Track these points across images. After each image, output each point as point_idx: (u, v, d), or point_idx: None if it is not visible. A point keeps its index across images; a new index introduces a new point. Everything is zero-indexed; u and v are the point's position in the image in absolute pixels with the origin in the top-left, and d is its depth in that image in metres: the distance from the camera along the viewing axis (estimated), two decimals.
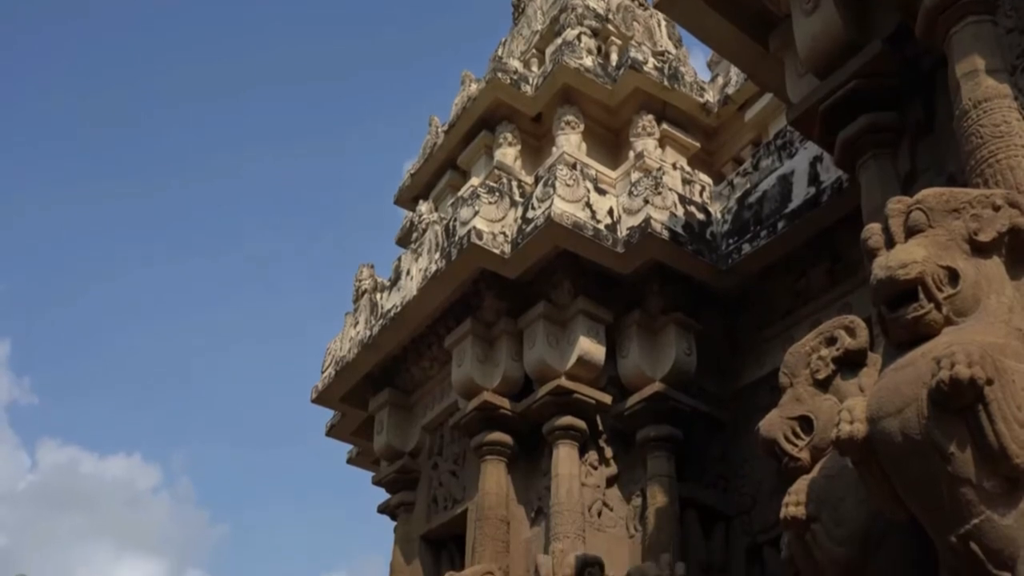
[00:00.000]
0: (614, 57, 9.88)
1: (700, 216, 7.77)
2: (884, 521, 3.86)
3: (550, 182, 7.55)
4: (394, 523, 9.02)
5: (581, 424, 7.38)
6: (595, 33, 10.08)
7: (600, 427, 7.57)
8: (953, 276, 3.46)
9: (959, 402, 3.10)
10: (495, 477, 7.56)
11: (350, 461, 10.69)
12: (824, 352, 4.40)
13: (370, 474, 9.81)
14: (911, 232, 3.62)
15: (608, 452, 7.54)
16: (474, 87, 9.75)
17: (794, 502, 4.05)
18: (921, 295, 3.43)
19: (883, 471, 3.45)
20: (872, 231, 3.76)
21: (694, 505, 7.39)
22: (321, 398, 9.51)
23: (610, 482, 7.49)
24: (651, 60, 9.33)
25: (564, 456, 7.27)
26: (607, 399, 7.55)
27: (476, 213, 7.70)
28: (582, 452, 7.42)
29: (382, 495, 9.36)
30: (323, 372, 9.44)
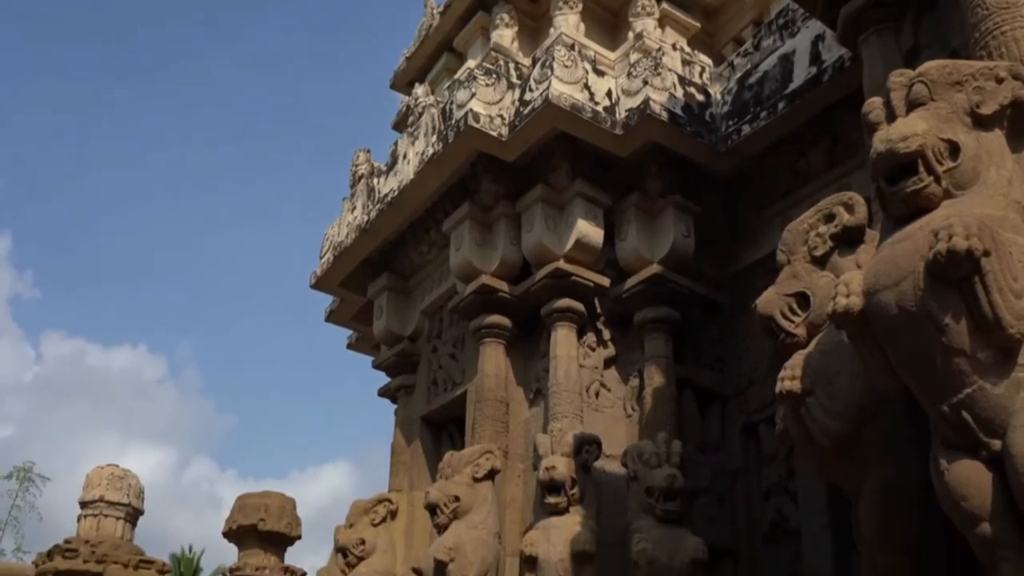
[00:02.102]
0: None
1: (700, 97, 7.68)
2: (878, 394, 3.92)
3: (548, 63, 7.45)
4: (395, 406, 9.15)
5: (579, 306, 7.41)
6: None
7: (598, 309, 7.60)
8: (953, 149, 3.45)
9: (956, 274, 3.12)
10: (494, 359, 7.63)
11: (350, 346, 10.78)
12: (822, 229, 4.41)
13: (370, 359, 9.90)
14: (912, 105, 3.59)
15: (606, 334, 7.59)
16: None
17: (790, 376, 4.10)
18: (921, 168, 3.42)
19: (878, 344, 3.49)
20: (873, 105, 3.72)
21: (691, 386, 7.47)
22: (320, 283, 9.54)
23: (608, 363, 7.55)
24: None
25: (562, 338, 7.32)
26: (605, 282, 7.57)
27: (473, 95, 7.61)
28: (580, 334, 7.46)
29: (382, 380, 9.46)
30: (321, 257, 9.45)
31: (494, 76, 7.79)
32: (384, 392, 9.36)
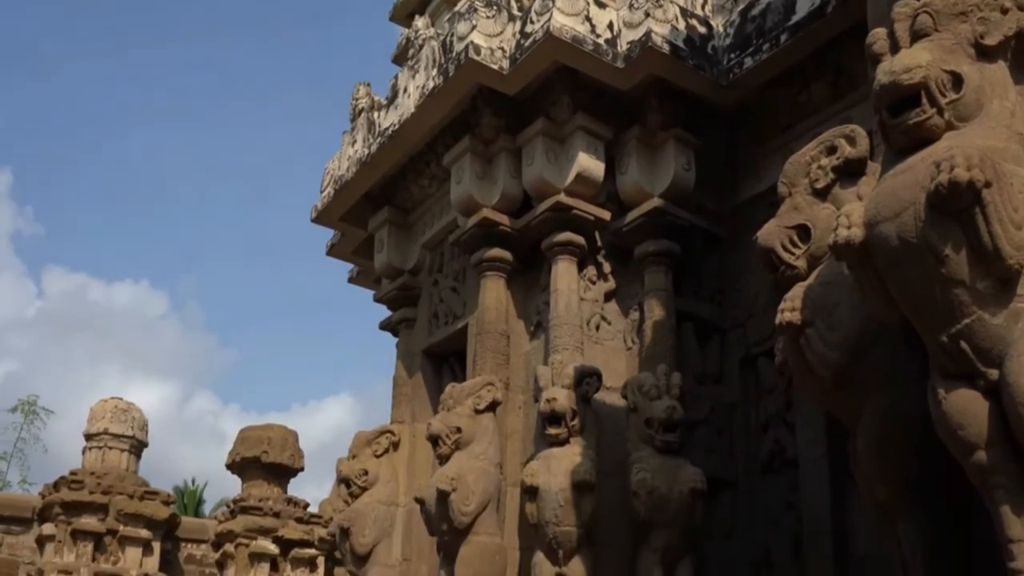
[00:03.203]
0: None
1: (702, 30, 7.63)
2: (876, 326, 3.97)
3: None
4: (396, 339, 9.20)
5: (580, 240, 7.42)
6: None
7: (599, 243, 7.62)
8: (957, 81, 3.45)
9: (957, 205, 3.14)
10: (495, 292, 7.67)
11: (351, 280, 10.81)
12: (824, 161, 4.43)
13: (371, 293, 9.94)
14: (916, 36, 3.58)
15: (606, 267, 7.62)
16: None
17: (789, 308, 4.15)
18: (924, 100, 3.42)
19: (878, 275, 3.53)
20: (877, 36, 3.72)
21: (690, 318, 7.51)
22: (320, 217, 9.54)
23: (608, 297, 7.59)
24: None
25: (563, 271, 7.35)
26: (606, 215, 7.58)
27: (474, 28, 7.55)
28: (581, 267, 7.49)
29: (383, 313, 9.51)
30: (322, 191, 9.44)
31: (495, 8, 7.72)
32: (385, 325, 9.41)
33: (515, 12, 7.84)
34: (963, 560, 3.87)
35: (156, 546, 14.11)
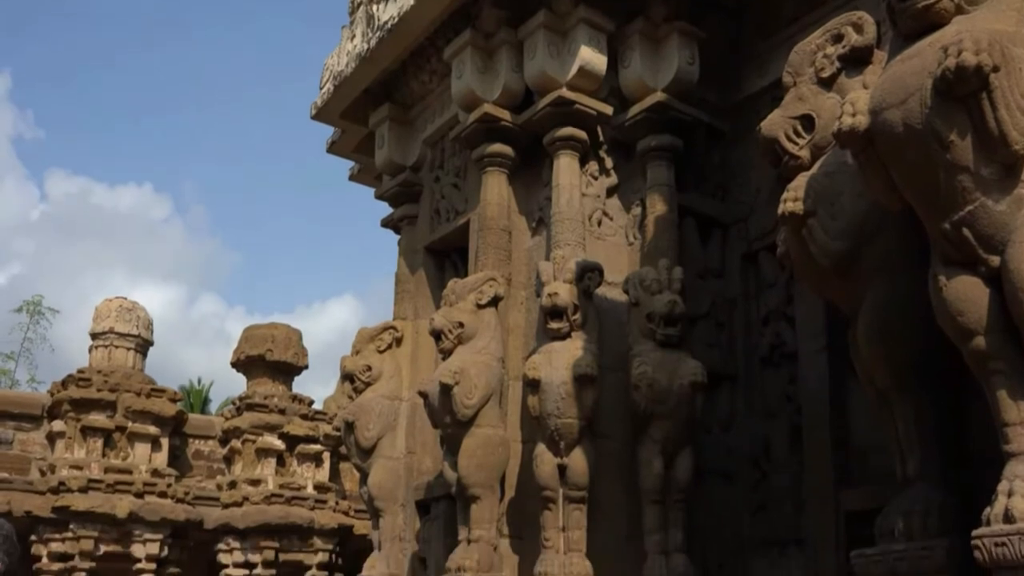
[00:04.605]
0: None
1: None
2: (879, 214, 3.96)
3: None
4: (398, 237, 9.20)
5: (582, 135, 7.35)
6: None
7: (601, 138, 7.54)
8: None
9: (964, 90, 3.11)
10: (496, 188, 7.62)
11: (352, 178, 10.76)
12: (830, 50, 4.37)
13: (372, 191, 9.90)
14: None
15: (608, 163, 7.56)
16: None
17: (792, 198, 4.13)
18: None
19: (882, 163, 3.51)
20: None
21: (692, 213, 7.48)
22: (320, 114, 9.45)
23: (610, 192, 7.55)
24: None
25: (565, 166, 7.30)
26: (608, 110, 7.49)
27: None
28: (583, 163, 7.43)
29: (386, 212, 9.49)
30: (321, 88, 9.33)
31: None
32: (387, 223, 9.39)
33: None
34: (959, 445, 3.94)
35: (164, 442, 14.30)
